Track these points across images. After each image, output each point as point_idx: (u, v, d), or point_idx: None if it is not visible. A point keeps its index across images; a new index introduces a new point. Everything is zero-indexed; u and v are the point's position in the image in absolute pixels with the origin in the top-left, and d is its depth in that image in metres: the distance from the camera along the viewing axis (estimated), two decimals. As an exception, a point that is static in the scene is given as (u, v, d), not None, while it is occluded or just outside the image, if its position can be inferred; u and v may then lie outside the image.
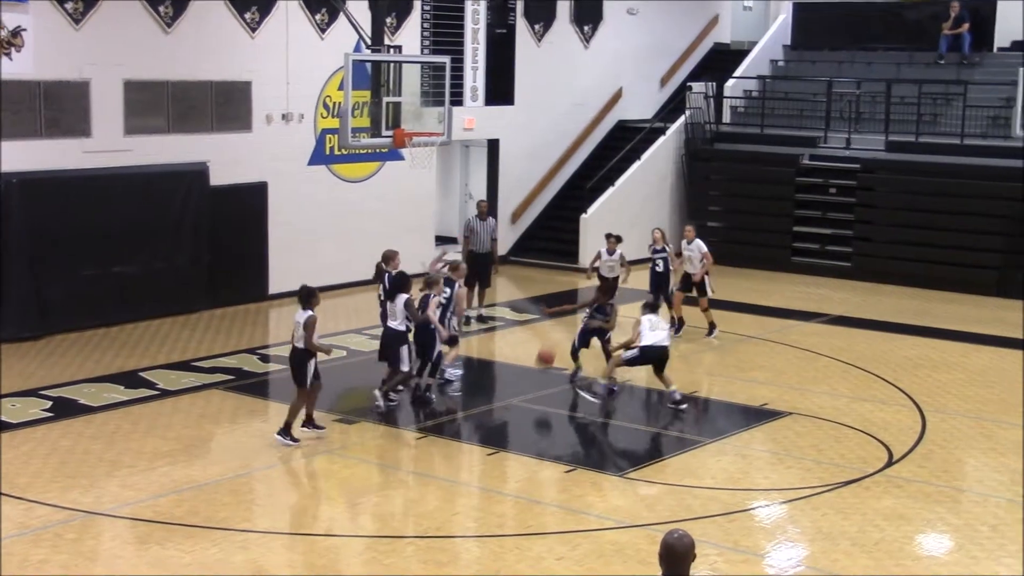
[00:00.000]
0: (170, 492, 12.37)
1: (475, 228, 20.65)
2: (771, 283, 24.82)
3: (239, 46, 20.93)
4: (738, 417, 15.73)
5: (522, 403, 16.07)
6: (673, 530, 6.50)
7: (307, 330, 13.60)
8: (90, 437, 14.03)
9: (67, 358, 17.56)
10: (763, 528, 12.03)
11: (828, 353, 18.78)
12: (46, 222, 18.48)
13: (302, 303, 13.93)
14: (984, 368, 18.22)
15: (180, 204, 20.19)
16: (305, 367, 13.82)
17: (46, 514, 11.69)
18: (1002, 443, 14.61)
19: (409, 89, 17.03)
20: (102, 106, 19.16)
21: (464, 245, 20.94)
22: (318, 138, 22.38)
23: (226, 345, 18.56)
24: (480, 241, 20.56)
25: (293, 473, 13.14)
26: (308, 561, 10.93)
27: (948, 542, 11.70)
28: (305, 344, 13.70)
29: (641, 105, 29.45)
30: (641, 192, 26.92)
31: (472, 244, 20.60)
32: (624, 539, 11.38)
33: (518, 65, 26.29)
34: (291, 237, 21.92)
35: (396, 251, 16.39)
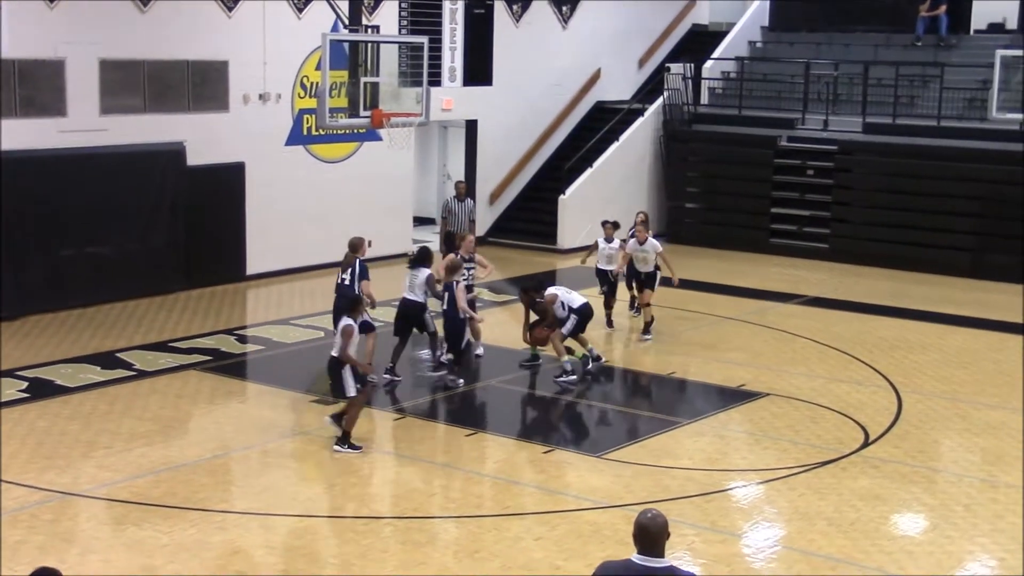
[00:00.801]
0: (147, 473, 12.34)
1: (453, 209, 20.40)
2: (748, 264, 24.90)
3: (216, 25, 20.81)
4: (715, 398, 15.78)
5: (501, 384, 16.08)
6: (646, 510, 6.54)
7: (344, 338, 13.03)
8: (67, 418, 13.99)
9: (43, 339, 17.48)
10: (740, 508, 12.08)
11: (805, 334, 18.85)
12: (21, 202, 18.35)
13: (345, 312, 13.54)
14: (959, 349, 18.33)
15: (157, 184, 20.09)
16: (342, 376, 13.20)
17: (23, 495, 11.65)
18: (976, 424, 14.71)
19: (387, 69, 16.99)
20: (77, 85, 19.03)
21: (442, 226, 20.78)
22: (295, 118, 22.30)
23: (203, 326, 18.52)
24: (458, 222, 20.36)
25: (271, 454, 13.12)
26: (286, 542, 10.92)
27: (923, 522, 11.78)
28: (339, 353, 13.09)
29: (619, 86, 29.44)
30: (619, 173, 26.93)
31: (450, 225, 20.40)
32: (602, 519, 11.42)
33: (496, 46, 26.23)
34: (268, 218, 21.85)
35: (363, 238, 15.89)
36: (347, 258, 15.52)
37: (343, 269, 15.51)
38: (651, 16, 30.23)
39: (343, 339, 12.98)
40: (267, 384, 15.72)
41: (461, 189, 20.84)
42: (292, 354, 17.26)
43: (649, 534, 6.41)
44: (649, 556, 6.36)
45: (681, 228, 27.10)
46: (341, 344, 12.99)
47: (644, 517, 6.47)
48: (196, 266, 20.72)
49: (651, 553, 6.39)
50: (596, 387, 16.20)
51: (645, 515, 6.48)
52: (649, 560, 6.35)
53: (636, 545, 6.44)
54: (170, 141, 20.24)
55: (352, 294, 14.99)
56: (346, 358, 13.01)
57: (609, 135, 27.16)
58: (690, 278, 19.52)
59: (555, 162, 27.70)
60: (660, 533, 6.41)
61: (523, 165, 27.61)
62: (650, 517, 6.46)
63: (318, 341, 17.67)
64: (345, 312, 13.46)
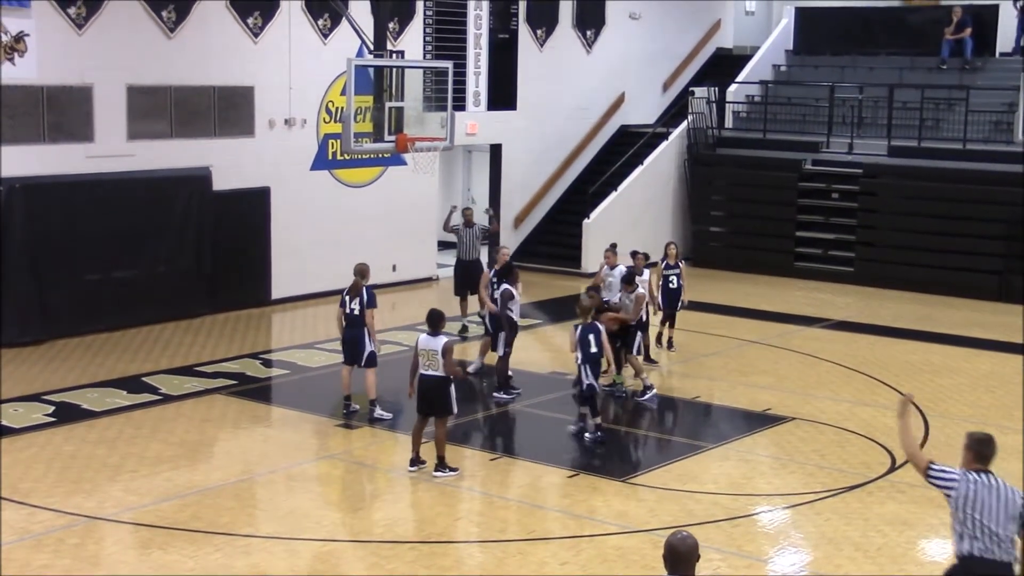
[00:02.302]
0: (173, 497, 12.36)
1: (461, 236, 20.14)
2: (773, 288, 24.82)
3: (242, 51, 20.95)
4: (741, 422, 15.72)
5: (525, 408, 16.06)
6: (676, 531, 6.55)
7: (447, 356, 12.86)
8: (93, 442, 14.03)
9: (69, 363, 17.56)
10: (766, 533, 12.02)
11: (830, 358, 18.77)
12: (49, 227, 18.49)
13: (432, 327, 13.12)
14: (986, 373, 18.21)
15: (183, 209, 20.20)
16: (449, 394, 13.07)
17: (48, 519, 11.69)
18: (1004, 448, 14.49)
19: (412, 94, 17.04)
20: (105, 111, 19.18)
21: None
22: (321, 143, 22.40)
23: (229, 350, 18.57)
24: (466, 249, 20.12)
25: (296, 478, 13.13)
26: (311, 566, 10.92)
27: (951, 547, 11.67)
28: (446, 371, 12.94)
29: (643, 110, 29.48)
30: (643, 197, 26.93)
31: (459, 253, 20.18)
32: (628, 544, 11.38)
33: (520, 70, 26.32)
34: (293, 242, 21.93)
35: (368, 265, 15.49)
36: (355, 284, 15.18)
37: (351, 298, 15.12)
38: (675, 40, 30.28)
39: (446, 357, 12.85)
40: (292, 408, 15.74)
41: (469, 215, 20.45)
42: (317, 378, 17.28)
43: (680, 555, 6.44)
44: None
45: (706, 252, 27.06)
46: (446, 362, 12.86)
47: (675, 538, 6.49)
48: (222, 290, 20.80)
49: (682, 574, 6.39)
50: (621, 412, 16.15)
51: (676, 536, 6.50)
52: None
53: (666, 566, 6.44)
54: (196, 166, 20.35)
55: (361, 322, 14.97)
56: (454, 374, 13.03)
57: (633, 159, 27.17)
58: (715, 302, 19.48)
59: (579, 186, 27.72)
60: (690, 554, 6.43)
61: (547, 189, 27.64)
62: (680, 538, 6.48)
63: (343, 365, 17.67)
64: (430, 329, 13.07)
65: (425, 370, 13.04)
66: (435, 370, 12.99)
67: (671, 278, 18.75)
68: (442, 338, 12.97)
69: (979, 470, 8.19)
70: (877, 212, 25.40)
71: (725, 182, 27.59)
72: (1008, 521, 7.99)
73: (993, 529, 7.99)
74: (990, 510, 7.98)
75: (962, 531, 8.10)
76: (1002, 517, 7.99)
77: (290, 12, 21.47)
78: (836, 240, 25.82)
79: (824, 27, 30.16)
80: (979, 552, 8.03)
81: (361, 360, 15.08)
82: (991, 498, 8.00)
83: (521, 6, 26.19)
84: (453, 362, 13.00)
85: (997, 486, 8.06)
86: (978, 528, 8.03)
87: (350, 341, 15.18)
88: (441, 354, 12.89)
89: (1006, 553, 8.01)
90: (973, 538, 8.05)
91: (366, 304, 15.01)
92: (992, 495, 8.02)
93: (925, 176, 24.79)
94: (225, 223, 20.70)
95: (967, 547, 8.05)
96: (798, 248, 26.24)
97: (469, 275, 19.80)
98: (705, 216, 27.63)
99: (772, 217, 26.49)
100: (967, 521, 8.03)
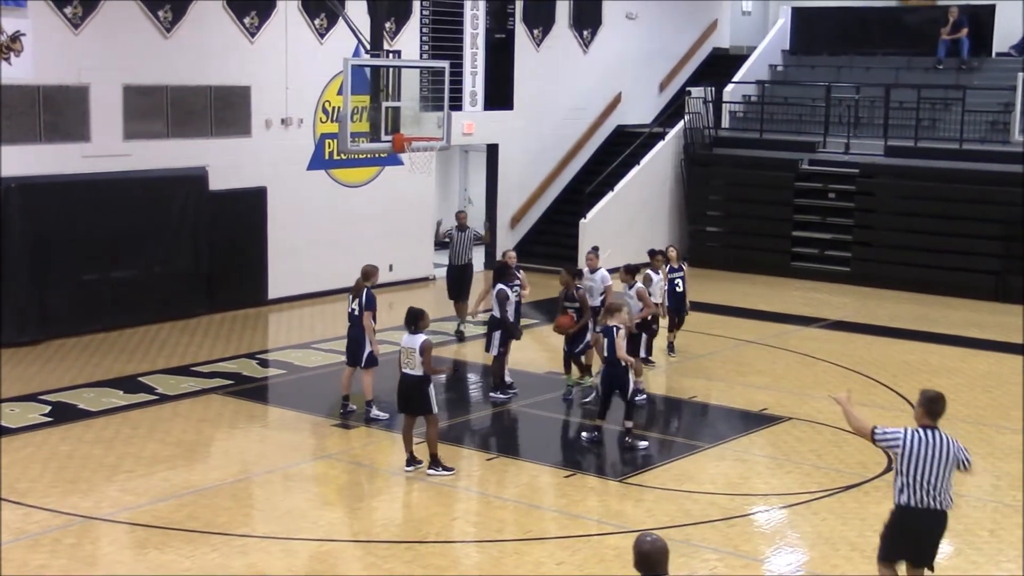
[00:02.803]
0: (169, 497, 12.36)
1: (454, 238, 19.87)
2: (770, 288, 24.82)
3: (238, 51, 20.94)
4: (737, 422, 15.73)
5: (521, 408, 16.06)
6: (644, 535, 6.57)
7: (425, 355, 12.80)
8: (89, 442, 14.03)
9: (66, 363, 17.55)
10: (763, 533, 12.03)
11: (827, 358, 18.78)
12: (45, 227, 18.48)
13: (410, 325, 13.07)
14: (983, 373, 18.23)
15: (179, 209, 20.19)
16: (427, 394, 13.02)
17: (45, 519, 11.68)
18: (1001, 448, 14.61)
19: (408, 94, 17.04)
20: (101, 111, 19.17)
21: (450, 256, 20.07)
22: (317, 143, 22.39)
23: (226, 350, 18.57)
24: (457, 253, 19.81)
25: (293, 478, 13.12)
26: (307, 566, 10.92)
27: (947, 547, 11.67)
28: (424, 370, 12.92)
29: (640, 110, 29.48)
30: (640, 197, 26.94)
31: (451, 257, 19.87)
32: (624, 544, 11.36)
33: (517, 70, 26.32)
34: (290, 242, 21.92)
35: (376, 267, 15.68)
36: (357, 285, 15.18)
37: (352, 298, 15.18)
38: (672, 40, 30.29)
39: (424, 356, 12.82)
40: (289, 408, 15.74)
41: (462, 218, 20.23)
42: (314, 378, 17.28)
43: (651, 560, 6.49)
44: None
45: (702, 252, 27.05)
46: (424, 360, 12.82)
47: (646, 544, 6.51)
48: (218, 290, 20.79)
49: (657, 573, 6.43)
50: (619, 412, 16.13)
51: (645, 540, 6.53)
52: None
53: (644, 568, 6.46)
54: (193, 166, 20.34)
55: (360, 323, 14.96)
56: (432, 372, 12.95)
57: (630, 159, 27.16)
58: (711, 302, 19.47)
59: (576, 186, 27.73)
60: (662, 557, 6.47)
61: (544, 189, 27.65)
62: (651, 541, 6.54)
63: (340, 365, 17.66)
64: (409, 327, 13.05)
65: (404, 369, 13.05)
66: (413, 369, 12.97)
67: (676, 281, 18.28)
68: (420, 337, 12.92)
69: (927, 426, 9.03)
70: (874, 212, 25.42)
71: (722, 182, 27.61)
72: (947, 473, 8.88)
73: (932, 481, 8.83)
74: (930, 464, 8.82)
75: (902, 484, 8.93)
76: (941, 470, 8.84)
77: (287, 12, 21.46)
78: (833, 240, 25.83)
79: (821, 27, 30.18)
80: (914, 503, 8.88)
81: (361, 361, 15.07)
82: (933, 453, 8.84)
83: (518, 6, 26.20)
84: (431, 361, 12.93)
85: (941, 441, 8.91)
86: (916, 481, 8.85)
87: (351, 342, 15.19)
88: (419, 353, 12.85)
89: (941, 503, 8.89)
90: (911, 490, 8.88)
91: (364, 306, 15.01)
92: (934, 450, 8.85)
93: (922, 176, 24.81)
94: (222, 223, 20.70)
95: (904, 498, 8.94)
96: (795, 248, 26.25)
97: (462, 279, 19.74)
98: (702, 216, 27.64)
99: (769, 217, 26.50)
100: (907, 475, 8.88)
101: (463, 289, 19.85)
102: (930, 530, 9.06)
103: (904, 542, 9.12)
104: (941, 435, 8.97)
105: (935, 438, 8.93)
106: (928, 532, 9.06)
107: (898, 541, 9.13)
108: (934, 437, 8.93)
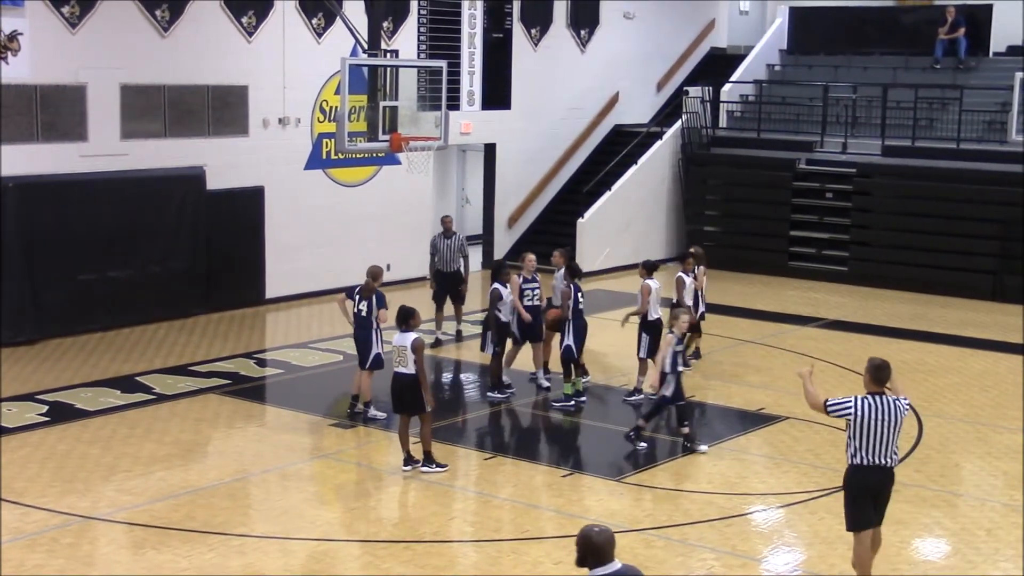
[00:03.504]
0: (167, 497, 12.35)
1: (439, 245, 19.17)
2: (767, 287, 24.83)
3: (236, 50, 20.93)
4: (734, 421, 15.73)
5: (519, 407, 16.06)
6: (590, 527, 6.79)
7: (417, 353, 12.76)
8: (87, 442, 14.02)
9: (63, 362, 17.54)
10: (760, 532, 12.03)
11: (824, 357, 18.78)
12: (42, 226, 18.46)
13: (400, 324, 13.02)
14: (980, 372, 18.24)
15: (177, 208, 20.18)
16: (420, 392, 12.96)
17: (42, 519, 11.68)
18: (998, 447, 14.62)
19: (406, 93, 17.04)
20: (98, 110, 19.15)
21: (431, 265, 19.51)
22: (315, 143, 22.38)
23: (223, 349, 18.56)
24: (445, 260, 19.09)
25: (290, 477, 13.12)
26: (305, 566, 10.91)
27: (945, 546, 11.71)
28: (416, 369, 12.86)
29: (638, 109, 29.48)
30: (638, 197, 26.94)
31: (437, 263, 19.15)
32: (621, 543, 11.26)
33: (514, 69, 26.31)
34: (288, 241, 21.91)
35: (382, 267, 15.71)
36: (368, 286, 15.14)
37: (360, 298, 15.10)
38: (669, 39, 30.29)
39: (416, 354, 12.79)
40: (286, 408, 15.74)
41: (448, 224, 19.41)
42: (311, 378, 17.28)
43: (601, 549, 6.67)
44: (606, 564, 6.66)
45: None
46: (416, 359, 12.79)
47: (593, 534, 6.71)
48: (215, 290, 20.78)
49: (605, 563, 6.66)
50: (615, 411, 16.15)
51: (593, 532, 6.72)
52: (609, 568, 6.67)
53: (589, 561, 6.67)
54: (190, 165, 20.33)
55: (369, 324, 14.95)
56: (423, 375, 12.88)
57: (627, 158, 27.18)
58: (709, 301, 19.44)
59: (573, 185, 27.73)
60: (610, 544, 6.69)
61: (541, 188, 27.65)
62: (598, 532, 6.72)
63: (337, 365, 17.71)
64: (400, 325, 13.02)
65: (397, 368, 13.04)
66: (406, 368, 12.95)
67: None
68: (411, 335, 12.88)
69: (875, 392, 9.83)
70: (871, 212, 25.43)
71: (719, 182, 27.61)
72: (894, 434, 9.76)
73: (881, 442, 9.72)
74: (879, 425, 9.67)
75: (855, 447, 9.80)
76: (889, 431, 9.70)
77: (284, 11, 21.45)
78: (830, 239, 25.83)
79: (818, 27, 30.19)
80: (867, 462, 9.79)
81: (367, 363, 15.03)
82: (881, 416, 9.68)
83: (515, 5, 26.19)
84: (423, 360, 12.88)
85: (888, 405, 9.75)
86: (867, 442, 9.73)
87: (359, 344, 15.14)
88: (411, 351, 12.82)
89: (889, 459, 9.79)
90: (863, 451, 9.76)
91: (376, 305, 14.94)
92: (882, 414, 9.69)
93: (919, 175, 24.81)
94: (219, 222, 20.69)
95: (857, 460, 9.83)
96: (792, 247, 26.25)
97: (449, 286, 19.15)
98: (699, 215, 27.64)
99: (766, 217, 26.51)
100: (859, 438, 9.75)
101: (455, 296, 19.32)
102: (881, 484, 9.96)
103: (864, 502, 9.97)
104: (887, 399, 9.79)
105: (883, 403, 9.75)
106: (880, 486, 9.96)
107: (860, 503, 9.97)
108: (882, 402, 9.75)
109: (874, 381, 9.87)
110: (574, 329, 15.90)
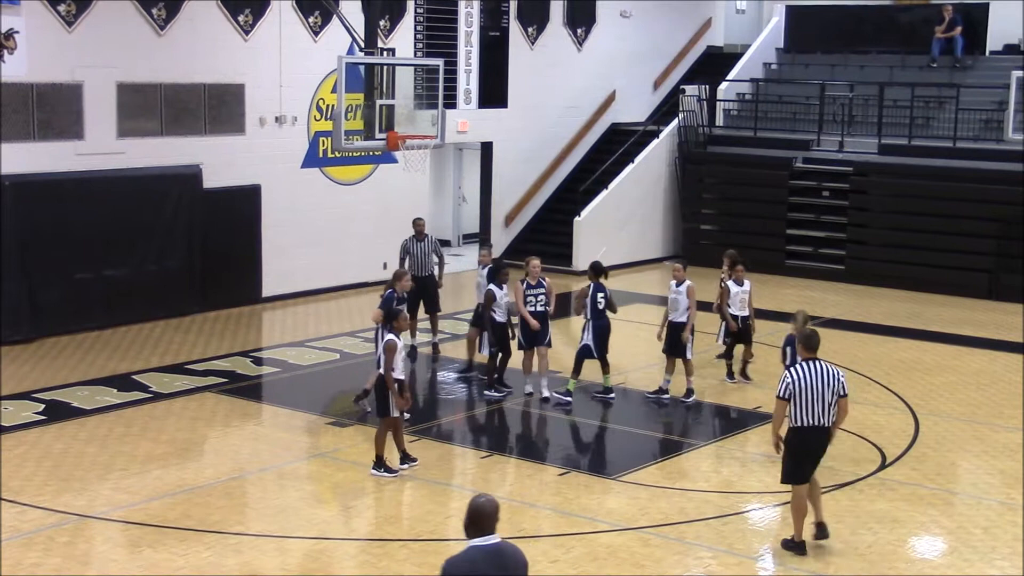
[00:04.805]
0: (163, 495, 12.35)
1: (411, 249, 18.23)
2: (764, 286, 24.74)
3: (232, 49, 20.91)
4: (732, 420, 15.73)
5: (515, 406, 16.06)
6: (479, 495, 6.88)
7: (386, 353, 12.60)
8: (83, 440, 14.01)
9: (60, 361, 17.53)
10: (757, 531, 12.03)
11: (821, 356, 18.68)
12: (39, 225, 18.44)
13: (385, 325, 12.98)
14: (977, 371, 18.25)
15: (173, 207, 20.16)
16: (385, 395, 12.77)
17: (39, 517, 11.67)
18: (994, 446, 14.63)
19: (402, 92, 17.04)
20: (95, 108, 19.14)
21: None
22: (311, 141, 22.37)
23: (219, 348, 18.54)
24: (418, 264, 18.12)
25: (287, 476, 13.11)
26: (301, 565, 10.91)
27: (941, 545, 11.71)
28: (383, 369, 12.70)
29: (634, 108, 29.48)
30: (634, 195, 26.95)
31: (411, 268, 17.70)
32: (618, 542, 11.38)
33: (511, 68, 26.30)
34: (284, 240, 21.90)
35: (406, 271, 15.73)
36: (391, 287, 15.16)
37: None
38: (666, 38, 30.29)
39: (386, 355, 12.66)
40: (283, 406, 15.73)
41: (420, 227, 18.44)
42: (308, 376, 17.27)
43: (482, 519, 6.76)
44: (485, 536, 6.76)
45: (696, 250, 27.04)
46: (385, 360, 12.69)
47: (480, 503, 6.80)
48: (212, 288, 20.76)
49: (487, 533, 6.78)
50: (612, 409, 16.15)
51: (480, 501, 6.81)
52: (488, 540, 6.77)
53: (473, 529, 6.77)
54: (186, 164, 20.31)
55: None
56: (389, 380, 12.68)
57: (624, 157, 27.18)
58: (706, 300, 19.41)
59: (570, 184, 27.73)
60: (492, 517, 6.79)
61: (538, 187, 27.64)
62: (484, 501, 6.82)
63: (334, 363, 17.71)
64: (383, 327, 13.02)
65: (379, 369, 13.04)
66: (380, 369, 12.91)
67: None
68: (388, 336, 12.74)
69: (808, 359, 10.91)
70: (868, 210, 25.44)
71: (716, 180, 27.61)
72: (830, 394, 10.75)
73: (818, 402, 10.72)
74: (815, 389, 10.72)
75: (797, 411, 10.77)
76: (824, 392, 10.73)
77: (280, 10, 21.43)
78: (827, 238, 25.84)
79: (815, 25, 30.19)
80: (806, 423, 10.77)
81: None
82: (815, 379, 10.74)
83: (512, 4, 26.18)
84: (391, 361, 12.63)
85: (822, 369, 10.82)
86: (806, 404, 10.73)
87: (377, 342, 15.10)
88: (382, 351, 12.73)
89: (825, 418, 10.78)
90: (802, 412, 10.75)
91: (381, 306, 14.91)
92: (816, 377, 10.76)
93: (915, 174, 24.83)
94: (215, 221, 20.67)
95: (798, 421, 10.82)
96: (789, 246, 26.27)
97: (424, 291, 18.14)
98: (696, 214, 27.65)
99: (763, 215, 26.52)
100: (798, 402, 10.75)
101: (430, 302, 18.35)
102: (819, 441, 10.92)
103: (804, 459, 10.93)
104: (821, 364, 10.87)
105: (817, 367, 10.82)
106: (818, 443, 10.92)
107: (799, 458, 10.93)
108: (816, 367, 10.82)
109: (807, 349, 11.03)
110: (593, 329, 15.89)
